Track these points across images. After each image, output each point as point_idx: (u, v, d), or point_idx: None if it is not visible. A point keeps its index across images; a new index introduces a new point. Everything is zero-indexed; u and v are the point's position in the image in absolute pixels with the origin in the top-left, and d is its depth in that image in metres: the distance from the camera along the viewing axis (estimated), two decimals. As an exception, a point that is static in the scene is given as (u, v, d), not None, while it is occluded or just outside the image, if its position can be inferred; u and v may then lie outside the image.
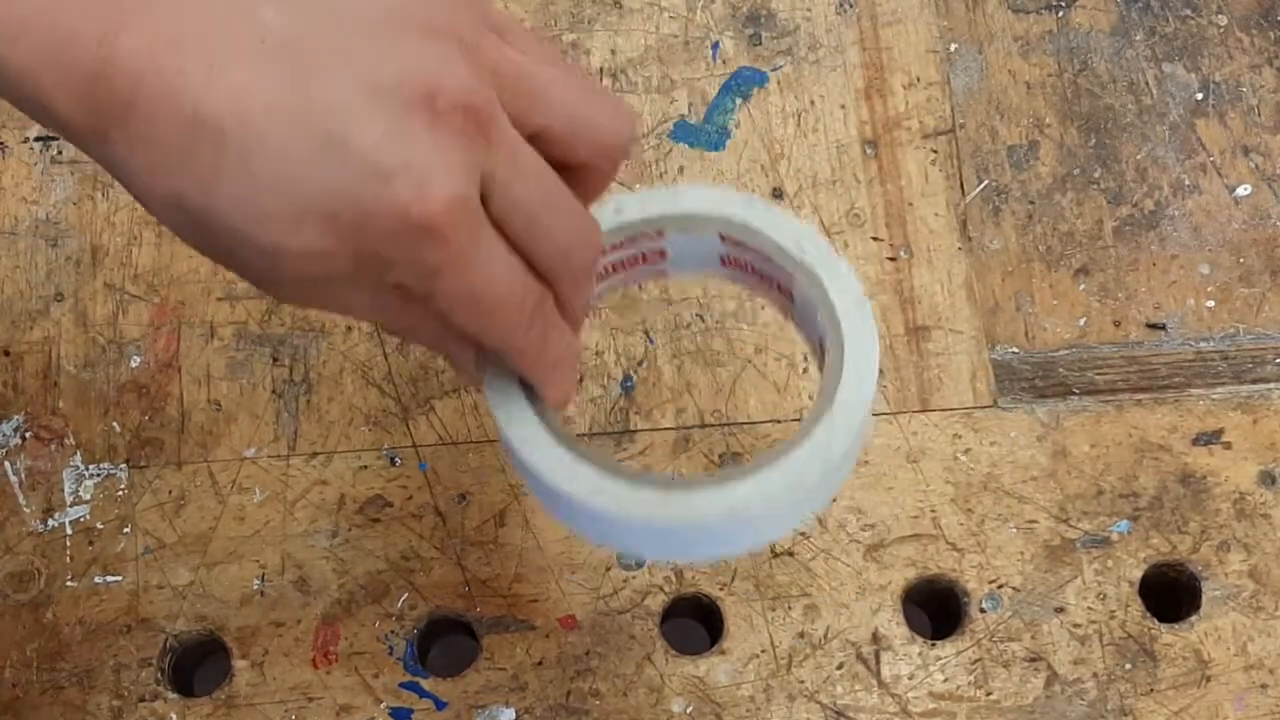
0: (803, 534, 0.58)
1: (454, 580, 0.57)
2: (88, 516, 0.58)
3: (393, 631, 0.56)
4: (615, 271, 0.47)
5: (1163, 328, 0.62)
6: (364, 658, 0.56)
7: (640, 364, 0.60)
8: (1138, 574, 0.58)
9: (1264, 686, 0.56)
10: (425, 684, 0.56)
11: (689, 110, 0.64)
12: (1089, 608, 0.57)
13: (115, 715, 0.55)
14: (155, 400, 0.59)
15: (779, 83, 0.64)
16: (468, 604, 0.57)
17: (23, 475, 0.58)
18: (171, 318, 0.60)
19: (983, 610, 0.57)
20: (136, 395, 0.59)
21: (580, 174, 0.41)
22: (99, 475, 0.58)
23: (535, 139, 0.39)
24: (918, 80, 0.64)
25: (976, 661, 0.57)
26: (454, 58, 0.37)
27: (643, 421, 0.59)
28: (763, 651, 0.57)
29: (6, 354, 0.60)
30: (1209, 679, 0.57)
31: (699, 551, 0.44)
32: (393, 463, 0.59)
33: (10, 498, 0.58)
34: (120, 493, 0.58)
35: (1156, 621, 0.57)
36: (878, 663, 0.57)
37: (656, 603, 0.57)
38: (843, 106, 0.64)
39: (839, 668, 0.57)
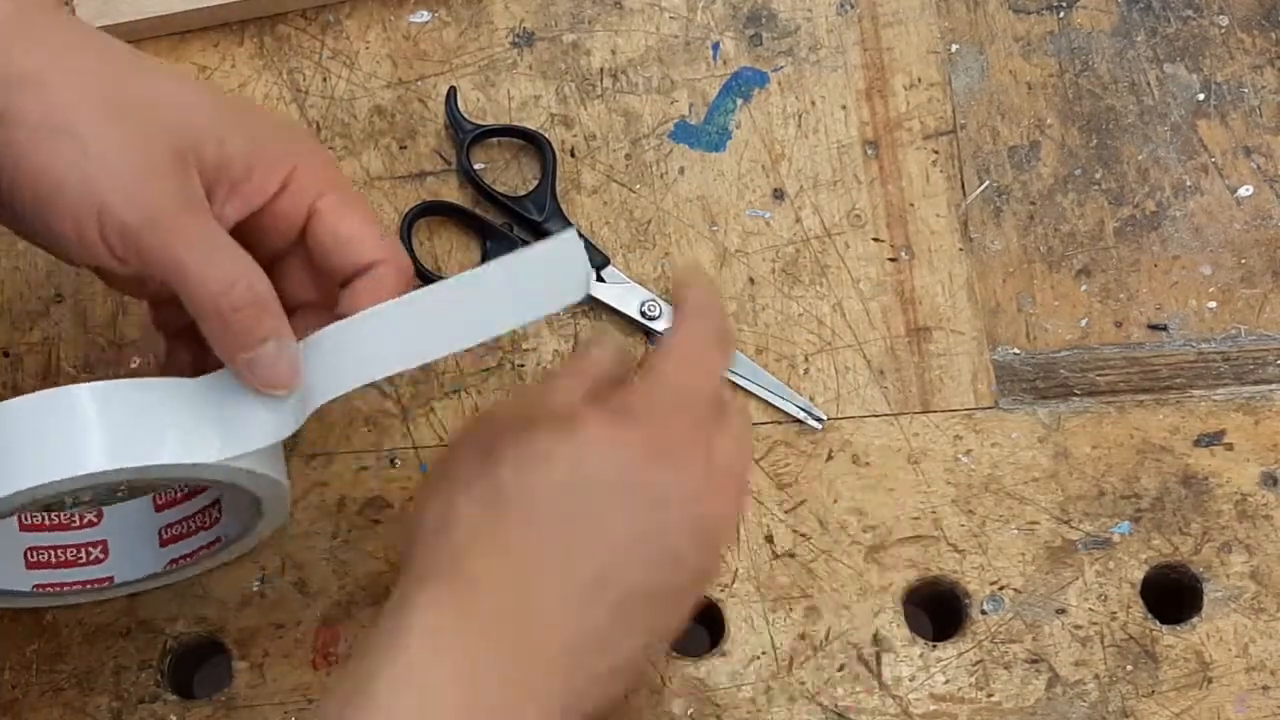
0: (804, 535, 0.58)
1: (454, 582, 0.57)
2: (87, 518, 0.57)
3: (393, 633, 0.56)
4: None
5: (1164, 329, 0.61)
6: (364, 659, 0.56)
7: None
8: (1139, 575, 0.58)
9: (1266, 688, 0.56)
10: (425, 686, 0.56)
11: (689, 111, 0.64)
12: (1090, 609, 0.57)
13: (115, 717, 0.55)
14: (155, 401, 0.59)
15: (780, 83, 0.64)
16: (468, 605, 0.57)
17: (22, 476, 0.58)
18: (171, 319, 0.60)
19: (984, 612, 0.57)
20: (136, 396, 0.59)
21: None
22: (99, 476, 0.58)
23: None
24: (919, 81, 0.64)
25: (978, 663, 0.57)
26: None
27: (643, 423, 0.59)
28: (764, 653, 0.57)
29: (6, 355, 0.60)
30: (1210, 681, 0.56)
31: None
32: (392, 464, 0.59)
33: (10, 499, 0.58)
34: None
35: (1158, 623, 0.57)
36: (879, 664, 0.57)
37: (657, 604, 0.57)
38: (844, 107, 0.64)
39: (840, 669, 0.56)
